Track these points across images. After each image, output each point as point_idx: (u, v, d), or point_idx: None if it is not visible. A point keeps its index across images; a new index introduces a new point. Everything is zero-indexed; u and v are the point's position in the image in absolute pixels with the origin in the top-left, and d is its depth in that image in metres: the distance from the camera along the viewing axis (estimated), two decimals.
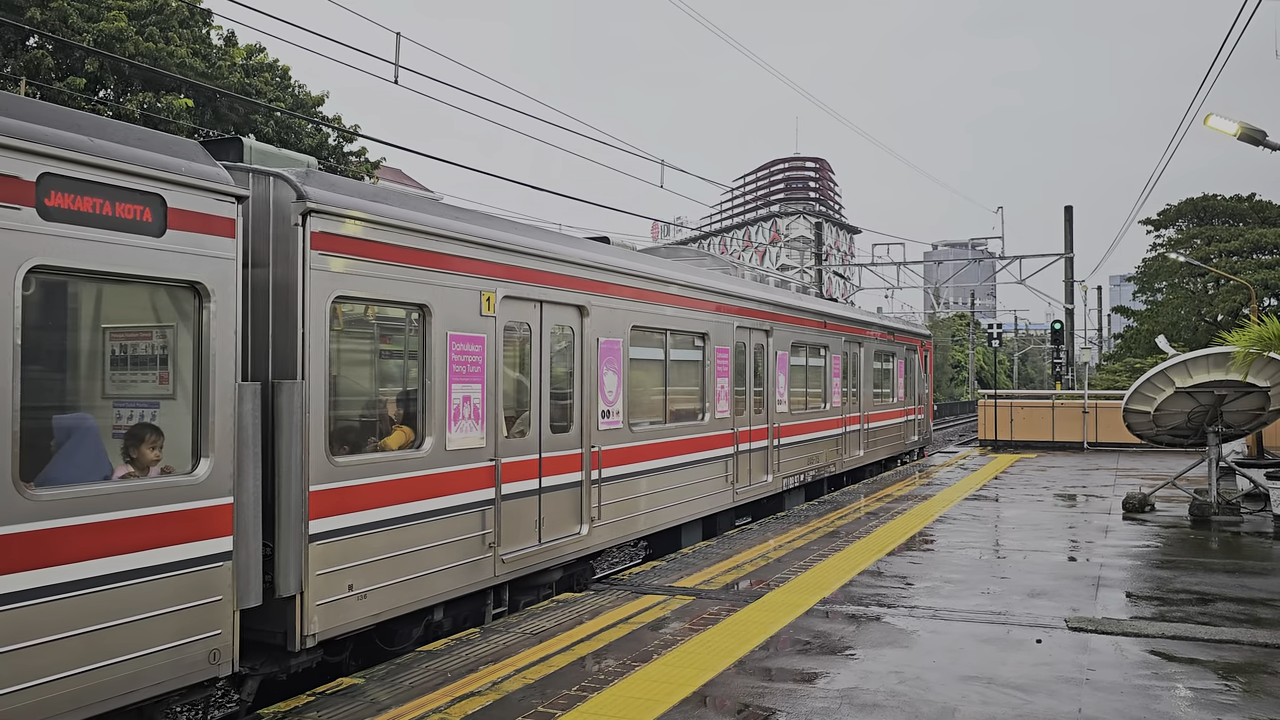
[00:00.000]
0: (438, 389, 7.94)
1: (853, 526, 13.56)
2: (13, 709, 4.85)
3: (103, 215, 5.43)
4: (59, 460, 5.40)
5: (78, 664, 5.17)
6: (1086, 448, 27.30)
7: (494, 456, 8.55)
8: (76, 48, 19.83)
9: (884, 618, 8.45)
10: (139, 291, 5.87)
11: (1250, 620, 8.40)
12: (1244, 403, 14.67)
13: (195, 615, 5.80)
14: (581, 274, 10.03)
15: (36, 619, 4.98)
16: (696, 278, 12.98)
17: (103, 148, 5.45)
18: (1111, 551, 11.81)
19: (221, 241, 6.03)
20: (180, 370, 6.05)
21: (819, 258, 51.77)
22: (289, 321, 6.71)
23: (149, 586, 5.55)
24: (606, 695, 6.38)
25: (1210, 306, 47.61)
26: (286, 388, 6.60)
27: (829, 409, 18.21)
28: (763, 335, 15.05)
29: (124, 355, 6.12)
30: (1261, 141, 13.66)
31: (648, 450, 11.41)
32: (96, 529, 5.30)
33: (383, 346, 8.27)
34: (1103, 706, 6.16)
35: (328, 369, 6.92)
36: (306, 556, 6.64)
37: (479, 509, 8.36)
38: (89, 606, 5.24)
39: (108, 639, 5.33)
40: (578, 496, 9.89)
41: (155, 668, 5.57)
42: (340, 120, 27.33)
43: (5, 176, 4.95)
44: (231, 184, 6.12)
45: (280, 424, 6.59)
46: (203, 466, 5.92)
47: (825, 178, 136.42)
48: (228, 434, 6.04)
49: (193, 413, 5.97)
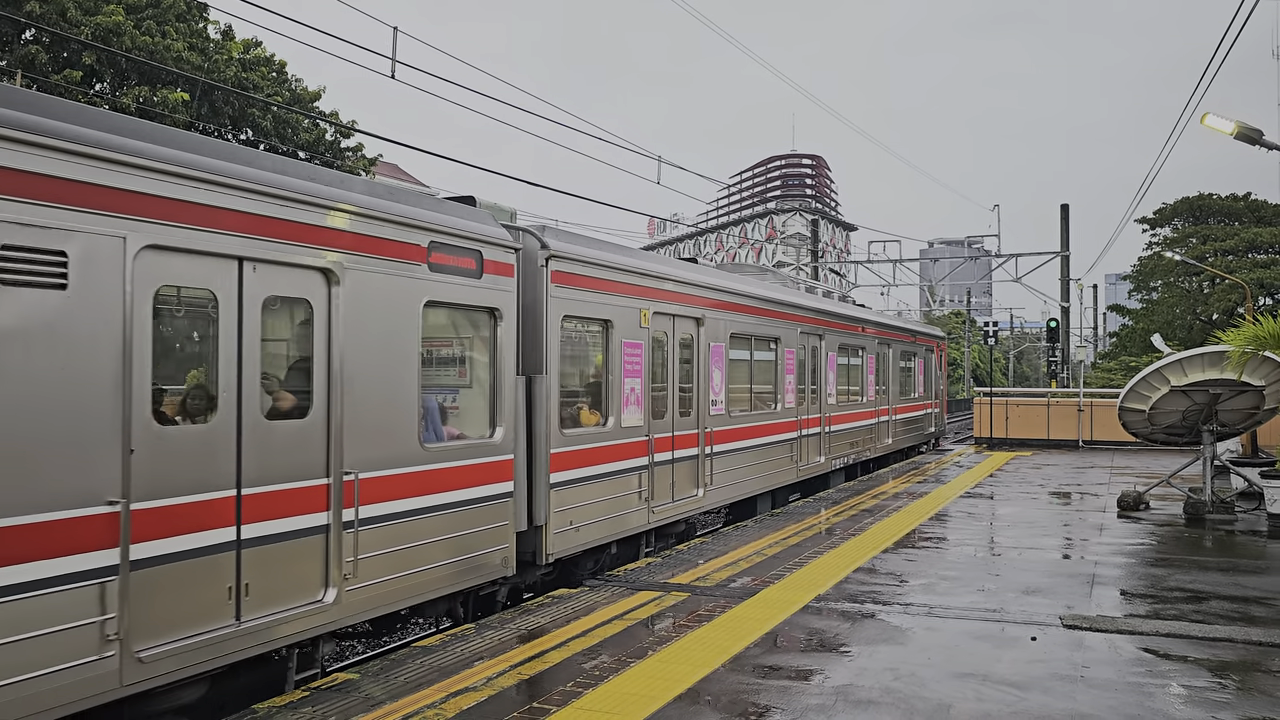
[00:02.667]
0: (616, 381, 10.80)
1: (848, 524, 13.57)
2: (412, 582, 7.78)
3: (456, 267, 8.30)
4: (428, 427, 8.14)
5: (449, 556, 8.16)
6: (1082, 446, 27.35)
7: (647, 433, 11.49)
8: (74, 41, 19.76)
9: (879, 615, 8.46)
10: (463, 314, 8.81)
11: (1244, 618, 8.42)
12: (1239, 402, 14.70)
13: (496, 533, 8.76)
14: (699, 293, 12.85)
15: (422, 526, 7.86)
16: (773, 293, 15.91)
17: (457, 224, 8.36)
18: (1106, 549, 11.84)
19: (508, 280, 8.97)
20: (476, 367, 9.00)
21: (815, 255, 51.75)
22: (538, 334, 9.51)
23: (479, 510, 8.51)
24: (601, 691, 6.38)
25: (1205, 305, 47.68)
26: (538, 380, 9.48)
27: (865, 402, 20.99)
28: (817, 339, 17.85)
29: (446, 358, 9.04)
30: (1258, 140, 13.68)
31: (741, 433, 14.26)
32: (453, 471, 8.24)
33: (584, 351, 10.79)
34: (1097, 704, 6.17)
35: (559, 367, 9.76)
36: (549, 498, 9.52)
37: (638, 471, 11.25)
38: (453, 521, 8.20)
39: (465, 541, 8.34)
40: (695, 467, 12.73)
41: (484, 564, 8.61)
42: (337, 115, 27.28)
43: (414, 245, 7.87)
44: (513, 241, 9.08)
45: (535, 406, 9.45)
46: (497, 433, 8.87)
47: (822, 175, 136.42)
48: (510, 411, 8.97)
49: (489, 396, 8.90)
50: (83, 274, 5.40)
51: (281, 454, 6.63)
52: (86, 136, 5.48)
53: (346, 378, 7.13)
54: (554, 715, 5.94)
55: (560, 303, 9.75)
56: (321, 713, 6.03)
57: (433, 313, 8.18)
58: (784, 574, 10.08)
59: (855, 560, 10.85)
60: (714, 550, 11.50)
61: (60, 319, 5.31)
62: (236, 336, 6.34)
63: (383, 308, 7.52)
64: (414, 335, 7.79)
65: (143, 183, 5.72)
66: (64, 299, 5.32)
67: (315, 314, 6.97)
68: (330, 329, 7.05)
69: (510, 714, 5.96)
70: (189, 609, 5.94)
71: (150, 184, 5.75)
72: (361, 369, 7.27)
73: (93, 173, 5.46)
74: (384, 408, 7.52)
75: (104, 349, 5.51)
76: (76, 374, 5.39)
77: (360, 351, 7.26)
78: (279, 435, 6.64)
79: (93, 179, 5.46)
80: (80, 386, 5.39)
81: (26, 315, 5.16)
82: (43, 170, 5.22)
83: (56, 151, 5.28)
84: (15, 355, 5.10)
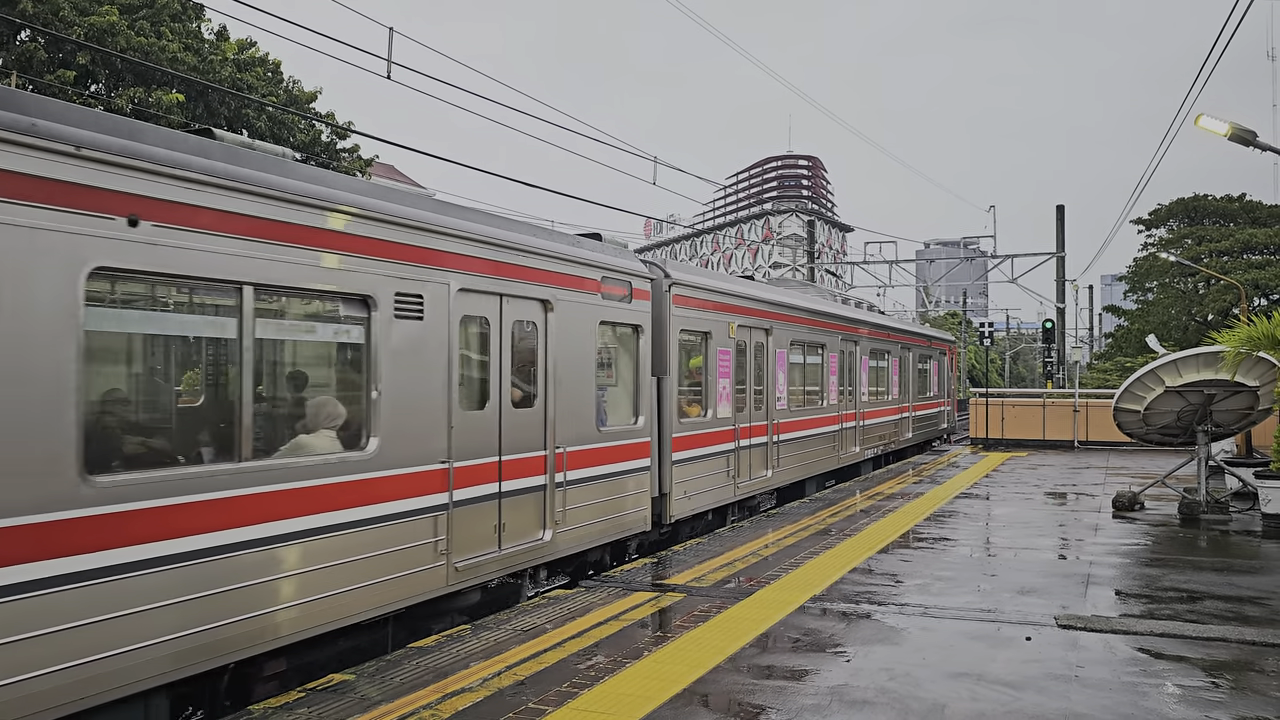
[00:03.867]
0: (713, 381, 13.52)
1: (844, 524, 13.58)
2: (594, 530, 10.39)
3: (616, 295, 10.96)
4: (600, 415, 10.66)
5: (615, 512, 10.84)
6: (1077, 446, 27.39)
7: (734, 423, 14.20)
8: (68, 41, 19.73)
9: (874, 615, 8.47)
10: (616, 330, 11.33)
11: (1238, 618, 8.44)
12: (1233, 402, 14.73)
13: (640, 497, 11.47)
14: (768, 309, 15.71)
15: (600, 488, 10.58)
16: (820, 305, 18.83)
17: (616, 262, 11.02)
18: (1101, 549, 11.86)
19: (646, 303, 11.71)
20: (623, 370, 11.62)
21: (811, 255, 51.79)
22: (664, 344, 12.22)
23: (630, 479, 11.21)
24: (597, 692, 6.38)
25: (1200, 306, 47.80)
26: (665, 380, 12.18)
27: (891, 400, 23.88)
28: (853, 345, 20.50)
29: (603, 363, 11.20)
30: (1252, 142, 13.71)
31: (798, 425, 17.01)
32: (615, 448, 10.88)
33: (691, 357, 13.26)
34: (1091, 703, 6.19)
35: (677, 370, 12.46)
36: (671, 472, 12.26)
37: (728, 454, 13.97)
38: (616, 486, 10.91)
39: (623, 501, 11.00)
40: (766, 452, 15.46)
41: (632, 520, 11.33)
42: (333, 116, 27.25)
43: (592, 279, 10.44)
44: (649, 273, 11.92)
45: (662, 401, 12.17)
46: (639, 420, 11.54)
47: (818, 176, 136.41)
48: (647, 404, 11.69)
49: (633, 392, 11.57)
50: (430, 309, 8.11)
51: (521, 432, 9.33)
52: (442, 223, 8.32)
53: (556, 379, 9.82)
54: (550, 715, 5.94)
55: (678, 319, 12.58)
56: (317, 713, 6.03)
57: (601, 329, 10.89)
58: (780, 574, 10.09)
59: (851, 561, 10.86)
60: (710, 551, 11.51)
61: (420, 340, 7.99)
62: (499, 349, 9.07)
63: (575, 327, 10.22)
64: (593, 347, 10.58)
65: (462, 246, 8.54)
66: (421, 327, 8.01)
67: (539, 333, 9.68)
68: (547, 344, 9.76)
69: (506, 715, 5.96)
70: (477, 536, 8.62)
71: (464, 247, 8.56)
72: (565, 372, 9.96)
73: (439, 242, 8.24)
74: (578, 400, 10.25)
75: (440, 359, 8.20)
76: (429, 376, 8.12)
77: (564, 360, 9.96)
78: (520, 419, 9.37)
79: (439, 247, 8.24)
80: (431, 384, 8.12)
81: (407, 338, 7.85)
82: (420, 244, 8.01)
83: (426, 233, 8.09)
84: (405, 365, 7.81)
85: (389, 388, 7.61)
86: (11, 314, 5.14)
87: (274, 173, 6.80)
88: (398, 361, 7.79)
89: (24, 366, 5.17)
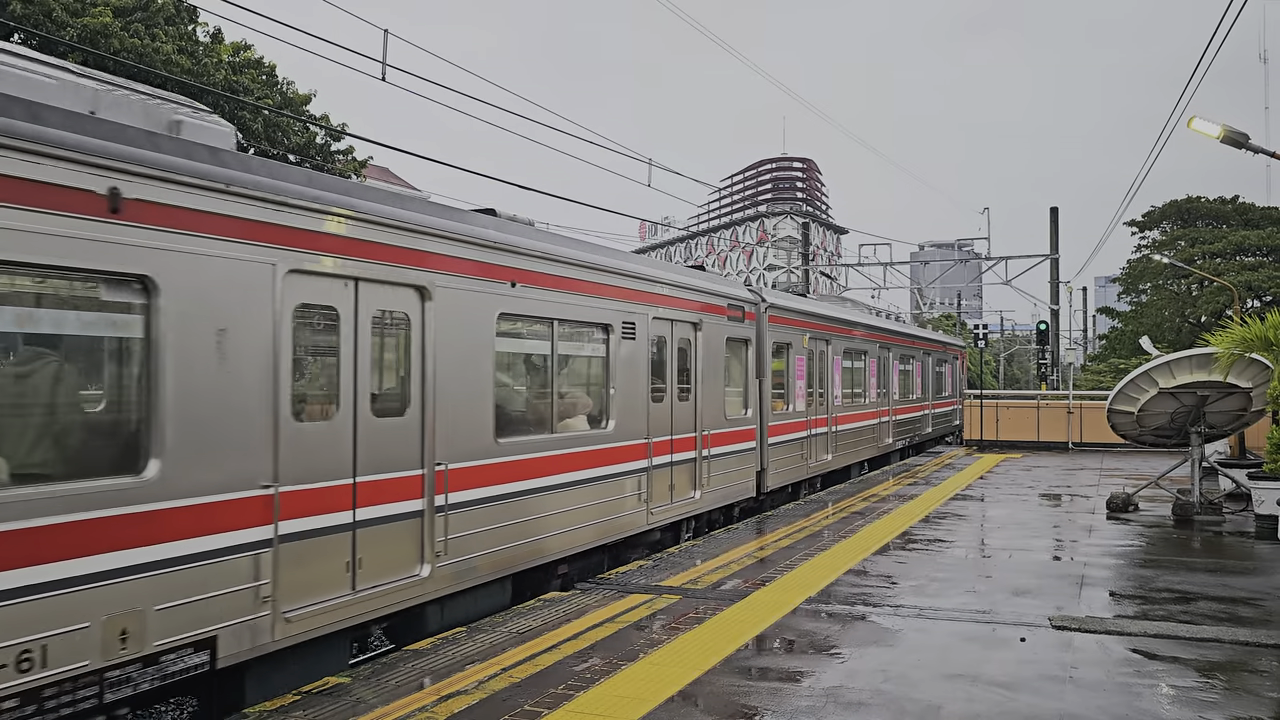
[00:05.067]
0: (792, 381, 17.06)
1: (838, 526, 13.60)
2: (722, 493, 13.84)
3: (738, 317, 14.42)
4: (724, 408, 14.14)
5: (736, 481, 14.34)
6: (1071, 448, 27.45)
7: (806, 417, 17.75)
8: (59, 43, 19.69)
9: (869, 616, 8.48)
10: (736, 344, 14.65)
11: (1232, 619, 8.47)
12: (1226, 403, 14.77)
13: (749, 470, 14.82)
14: (828, 323, 19.37)
15: (728, 461, 14.01)
16: (862, 319, 22.81)
17: (738, 294, 14.73)
18: (1095, 551, 11.89)
19: (753, 323, 15.21)
20: (734, 373, 14.73)
21: (806, 258, 51.84)
22: (763, 353, 15.62)
23: (743, 455, 14.58)
24: (593, 694, 6.38)
25: (1194, 308, 47.91)
26: (764, 382, 15.54)
27: (914, 399, 27.72)
28: (886, 352, 24.17)
29: (727, 367, 14.32)
30: (1244, 144, 13.74)
31: (849, 418, 20.67)
32: (737, 433, 14.39)
33: (775, 362, 16.41)
34: (1086, 704, 6.20)
35: (769, 372, 15.77)
36: (767, 452, 15.62)
37: (802, 440, 17.53)
38: (731, 463, 14.13)
39: (739, 474, 14.48)
40: (826, 440, 19.05)
41: (744, 488, 14.70)
42: (328, 118, 27.22)
43: (722, 306, 14.03)
44: (756, 299, 15.41)
45: (763, 398, 15.50)
46: (749, 412, 14.98)
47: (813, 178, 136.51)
48: (754, 400, 15.13)
49: (745, 390, 14.95)
50: (641, 330, 11.56)
51: (683, 418, 12.75)
52: (650, 273, 12.04)
53: (701, 379, 13.30)
54: (546, 718, 5.94)
55: (771, 334, 16.00)
56: (313, 716, 6.02)
57: (727, 343, 14.27)
58: (775, 576, 10.10)
59: (846, 562, 10.87)
60: (705, 553, 11.51)
61: (633, 353, 11.39)
62: (670, 358, 12.51)
63: (713, 342, 13.76)
64: (722, 356, 14.17)
65: (655, 287, 11.96)
66: (634, 343, 11.36)
67: (691, 347, 13.20)
68: (695, 353, 13.20)
69: (501, 717, 5.96)
70: (661, 492, 12.07)
71: (657, 288, 12.05)
72: (706, 374, 13.39)
73: (647, 286, 11.73)
74: (714, 394, 13.70)
75: (645, 366, 11.64)
76: (640, 381, 11.58)
77: (707, 365, 13.44)
78: (681, 409, 12.72)
79: (647, 290, 11.77)
80: (642, 385, 11.62)
81: (627, 353, 11.21)
82: (637, 288, 11.49)
83: (640, 280, 11.72)
84: (626, 373, 11.21)
85: (621, 385, 11.19)
86: (469, 339, 8.67)
87: (539, 239, 9.89)
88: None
89: (476, 371, 8.74)
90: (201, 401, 6.14)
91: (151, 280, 5.90)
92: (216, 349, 6.27)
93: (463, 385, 8.47)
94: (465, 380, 8.56)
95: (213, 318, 6.24)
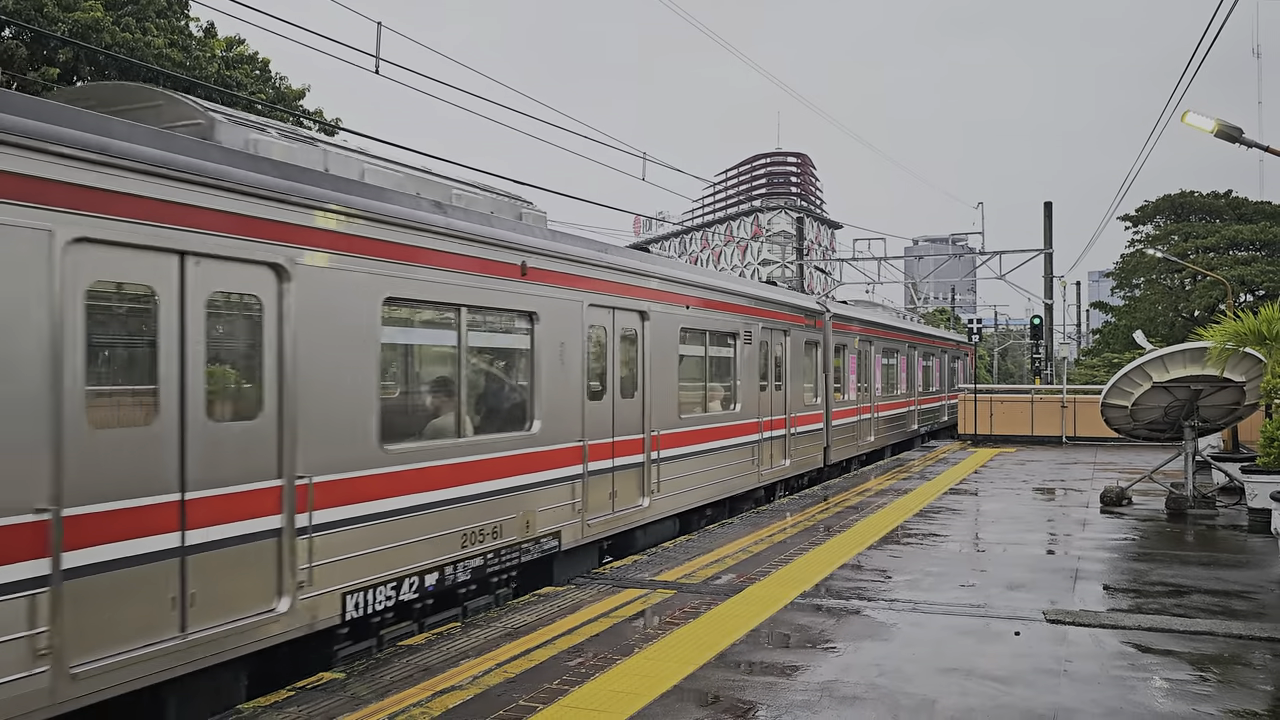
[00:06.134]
0: (846, 375, 21.17)
1: (833, 520, 13.61)
2: (800, 463, 17.98)
3: (811, 324, 18.89)
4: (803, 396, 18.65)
5: (810, 453, 18.64)
6: (1065, 442, 27.50)
7: (856, 405, 21.93)
8: (51, 37, 19.58)
9: (864, 611, 8.49)
10: (810, 346, 18.87)
11: (1225, 612, 8.49)
12: (1220, 397, 14.80)
13: (819, 446, 19.18)
14: (872, 327, 23.65)
15: (803, 440, 18.05)
16: (897, 323, 28.25)
17: (812, 305, 19.55)
18: (1089, 544, 11.91)
19: (823, 329, 19.78)
20: (808, 368, 18.65)
21: (800, 252, 51.86)
22: (828, 354, 19.92)
23: (814, 435, 18.86)
24: (588, 689, 6.38)
25: (1187, 302, 48.05)
26: (829, 375, 19.83)
27: (934, 391, 32.63)
28: (913, 350, 29.36)
29: (805, 363, 18.56)
30: (1238, 138, 13.76)
31: (886, 407, 25.42)
32: (812, 415, 18.72)
33: (835, 360, 20.43)
34: (1080, 697, 6.21)
35: (833, 368, 20.05)
36: (831, 432, 19.86)
37: (854, 424, 21.64)
38: (808, 439, 18.42)
39: (812, 447, 18.77)
40: (871, 424, 23.29)
41: (815, 460, 19.00)
42: (321, 113, 27.14)
43: (801, 317, 18.35)
44: (824, 310, 20.01)
45: (828, 388, 19.83)
46: (819, 400, 19.42)
47: (807, 173, 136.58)
48: (822, 390, 19.57)
49: (815, 382, 19.20)
50: (755, 337, 15.58)
51: (776, 402, 16.42)
52: (759, 296, 16.48)
53: (790, 374, 16.77)
54: (541, 713, 5.93)
55: (834, 336, 20.35)
56: (307, 712, 6.01)
57: (806, 346, 18.35)
58: (769, 571, 10.10)
59: (840, 557, 10.88)
60: (699, 548, 11.51)
61: (751, 354, 15.51)
62: (782, 357, 16.64)
63: (797, 344, 17.68)
64: (803, 354, 17.97)
65: (764, 306, 16.29)
66: (751, 347, 15.34)
67: (784, 349, 17.00)
68: (787, 354, 16.68)
69: (496, 712, 5.95)
70: (762, 460, 15.76)
71: (765, 306, 16.19)
72: (793, 369, 17.17)
73: (764, 306, 16.41)
74: (799, 385, 17.62)
75: (758, 363, 15.71)
76: (755, 374, 15.60)
77: (793, 362, 17.23)
78: (774, 396, 16.40)
79: (761, 309, 16.19)
80: (756, 378, 15.79)
81: (748, 354, 15.31)
82: (751, 306, 15.76)
83: (755, 299, 16.16)
84: (747, 368, 15.35)
85: (744, 377, 15.17)
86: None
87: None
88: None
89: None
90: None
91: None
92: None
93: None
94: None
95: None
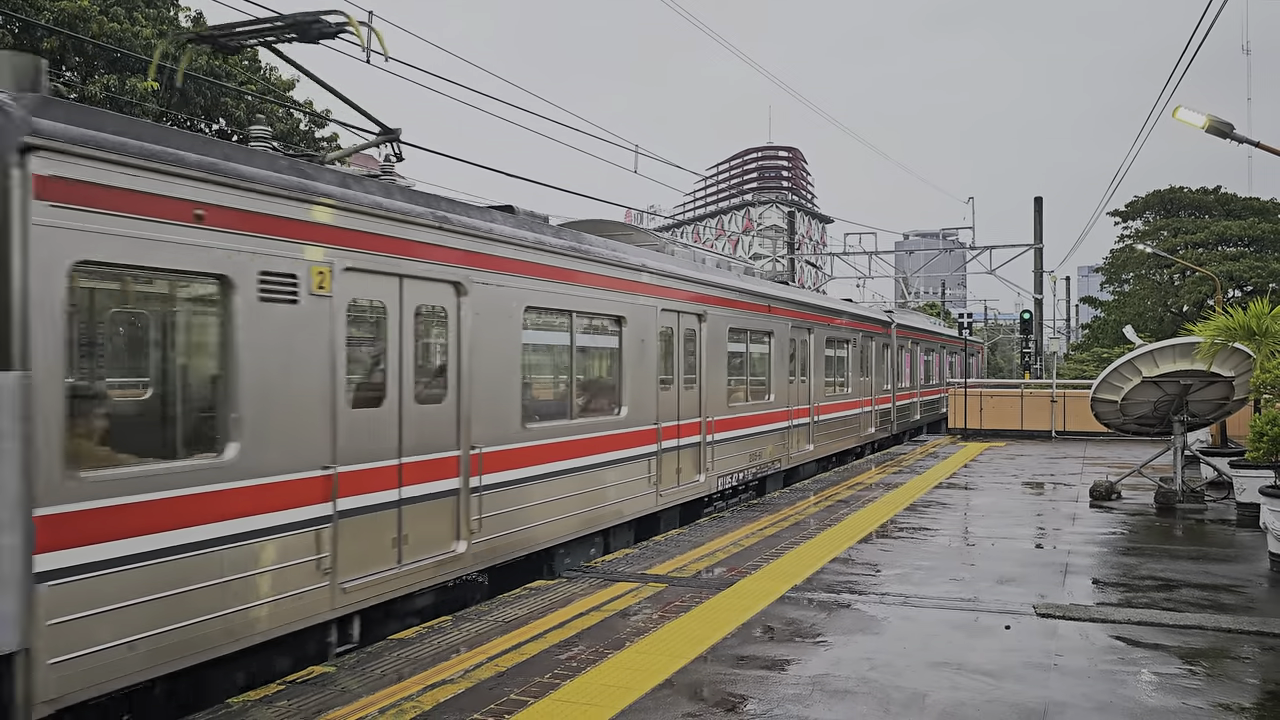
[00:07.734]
0: (902, 370, 28.77)
1: (823, 514, 13.63)
2: (848, 442, 22.55)
3: (881, 333, 25.84)
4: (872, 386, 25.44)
5: (867, 431, 24.24)
6: (1055, 436, 27.61)
7: (908, 391, 29.89)
8: (37, 26, 19.42)
9: (855, 605, 8.50)
10: (880, 349, 25.77)
11: (1214, 606, 8.53)
12: (1209, 392, 14.87)
13: (883, 422, 26.48)
14: (918, 332, 31.30)
15: (862, 419, 23.65)
16: (931, 326, 35.46)
17: (880, 316, 26.87)
18: (1079, 538, 11.96)
19: (889, 333, 27.05)
20: (878, 363, 25.51)
21: (791, 247, 51.88)
22: (888, 354, 26.92)
23: (885, 413, 26.86)
24: (579, 682, 6.37)
25: (1176, 297, 48.22)
26: (890, 369, 27.22)
27: (942, 384, 37.03)
28: (943, 349, 35.91)
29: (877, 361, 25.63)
30: (1229, 134, 13.78)
31: (926, 393, 32.61)
32: (880, 399, 26.01)
33: (898, 359, 28.25)
34: (1070, 691, 6.23)
35: (895, 364, 27.81)
36: (896, 412, 27.86)
37: (906, 405, 29.34)
38: (880, 415, 25.82)
39: (871, 425, 24.69)
40: (916, 406, 30.70)
41: (884, 431, 26.34)
42: (311, 104, 27.00)
43: (877, 327, 25.70)
44: (890, 320, 27.59)
45: (894, 380, 27.70)
46: (887, 387, 26.67)
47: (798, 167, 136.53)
48: (891, 381, 27.23)
49: (883, 375, 26.21)
50: (860, 343, 23.42)
51: (865, 387, 23.47)
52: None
53: (875, 369, 24.31)
54: (532, 706, 5.93)
55: (896, 340, 26.86)
56: (298, 706, 5.99)
57: (879, 349, 24.78)
58: (760, 565, 10.11)
59: (831, 551, 10.90)
60: (690, 542, 11.52)
61: (851, 354, 22.42)
62: (850, 357, 22.47)
63: (871, 347, 24.19)
64: (873, 355, 24.14)
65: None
66: (854, 348, 22.77)
67: (860, 350, 22.90)
68: (873, 356, 24.12)
69: (487, 706, 5.94)
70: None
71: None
72: (878, 367, 24.64)
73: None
74: (866, 379, 23.49)
75: (859, 361, 23.21)
76: (857, 369, 23.31)
77: (878, 363, 24.76)
78: (865, 382, 23.43)
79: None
80: (858, 371, 23.46)
81: (855, 356, 22.84)
82: (861, 323, 23.82)
83: (861, 318, 24.12)
84: (857, 365, 23.06)
85: (854, 369, 22.27)
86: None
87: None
88: (879, 361, 24.51)
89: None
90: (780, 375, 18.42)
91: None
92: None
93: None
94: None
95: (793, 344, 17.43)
